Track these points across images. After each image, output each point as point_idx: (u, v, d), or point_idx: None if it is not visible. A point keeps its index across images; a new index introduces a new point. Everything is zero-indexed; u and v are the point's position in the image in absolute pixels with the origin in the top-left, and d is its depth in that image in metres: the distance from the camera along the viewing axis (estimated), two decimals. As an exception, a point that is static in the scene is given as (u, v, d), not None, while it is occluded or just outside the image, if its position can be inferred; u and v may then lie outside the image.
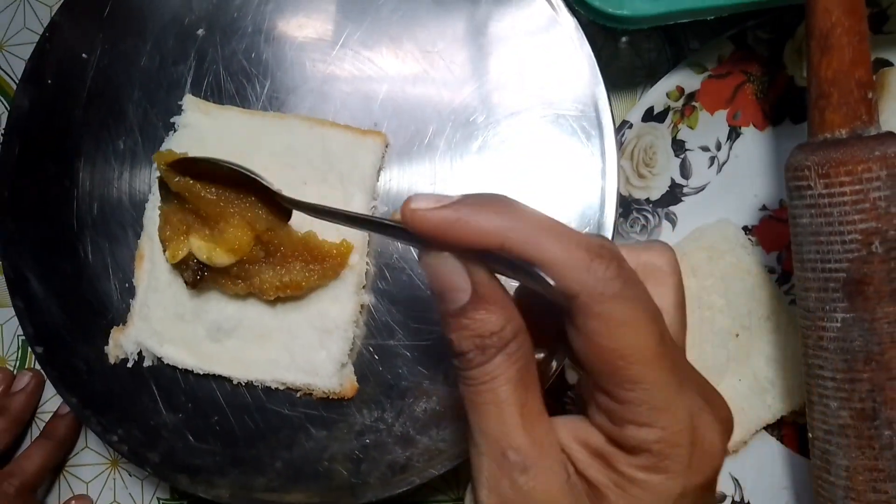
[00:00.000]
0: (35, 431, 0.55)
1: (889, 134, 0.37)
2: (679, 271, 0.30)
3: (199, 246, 0.41)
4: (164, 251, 0.42)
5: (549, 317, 0.29)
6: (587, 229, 0.42)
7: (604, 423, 0.26)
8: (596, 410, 0.27)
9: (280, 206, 0.39)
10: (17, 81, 0.48)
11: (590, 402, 0.27)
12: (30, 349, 0.54)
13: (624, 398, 0.25)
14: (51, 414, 0.54)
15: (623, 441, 0.26)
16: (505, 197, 0.27)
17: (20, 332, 0.54)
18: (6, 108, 0.56)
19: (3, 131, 0.48)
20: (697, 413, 0.26)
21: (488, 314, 0.26)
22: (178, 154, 0.40)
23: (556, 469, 0.26)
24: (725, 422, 0.28)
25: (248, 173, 0.39)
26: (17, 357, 0.56)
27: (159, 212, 0.42)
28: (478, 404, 0.27)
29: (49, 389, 0.55)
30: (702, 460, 0.26)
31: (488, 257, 0.26)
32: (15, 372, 0.55)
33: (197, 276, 0.42)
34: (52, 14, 0.48)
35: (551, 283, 0.25)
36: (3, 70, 0.56)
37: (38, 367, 0.55)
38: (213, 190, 0.40)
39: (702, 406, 0.26)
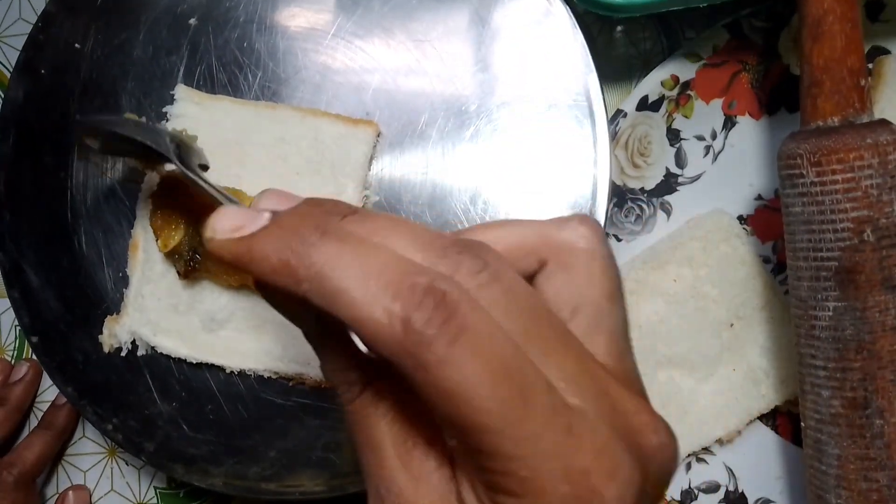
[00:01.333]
0: (33, 421, 0.55)
1: (881, 121, 0.36)
2: (604, 249, 0.23)
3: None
4: (157, 240, 0.42)
5: None
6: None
7: (477, 479, 0.20)
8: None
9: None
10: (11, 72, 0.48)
11: None
12: (27, 340, 0.54)
13: (485, 467, 0.19)
14: (49, 403, 0.54)
15: None
16: (326, 210, 0.21)
17: (17, 322, 0.54)
18: (1, 100, 0.56)
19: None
20: (591, 470, 0.19)
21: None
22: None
23: None
24: (648, 457, 0.21)
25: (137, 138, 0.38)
26: (14, 347, 0.56)
27: (150, 200, 0.42)
28: (356, 443, 0.23)
29: (47, 379, 0.55)
30: None
31: None
32: (13, 362, 0.56)
33: (189, 265, 0.42)
34: (46, 4, 0.48)
35: (362, 348, 0.20)
36: (-2, 61, 0.56)
37: (35, 357, 0.55)
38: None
39: (590, 465, 0.19)
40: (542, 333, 0.20)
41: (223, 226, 0.21)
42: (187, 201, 0.41)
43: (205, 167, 0.40)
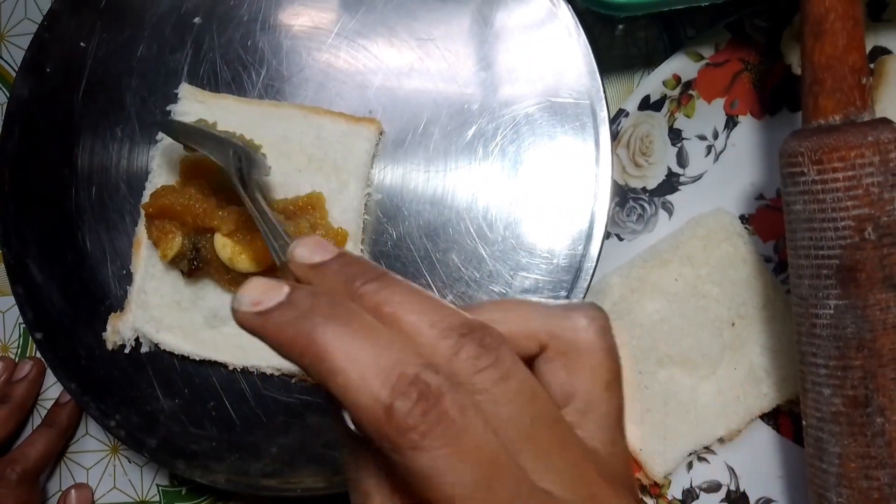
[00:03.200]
0: (36, 419, 0.55)
1: (882, 120, 0.36)
2: (604, 342, 0.24)
3: (224, 243, 0.41)
4: (157, 250, 0.42)
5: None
6: (581, 217, 0.42)
7: None
8: None
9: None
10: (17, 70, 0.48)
11: None
12: (31, 337, 0.55)
13: None
14: (52, 401, 0.54)
15: None
16: (347, 276, 0.23)
17: (21, 320, 0.54)
18: (6, 97, 0.56)
19: (3, 120, 0.48)
20: None
21: None
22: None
23: None
24: None
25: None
26: (18, 345, 0.57)
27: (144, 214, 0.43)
28: (346, 479, 0.25)
29: (50, 377, 0.56)
30: None
31: None
32: (17, 360, 0.56)
33: (192, 265, 0.42)
34: (52, 3, 0.48)
35: (350, 426, 0.22)
36: (3, 60, 0.57)
37: (38, 354, 0.55)
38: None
39: None
40: (535, 424, 0.22)
41: (245, 299, 0.23)
42: (181, 209, 0.42)
43: (264, 178, 0.40)
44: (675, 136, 0.48)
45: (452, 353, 0.21)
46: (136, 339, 0.45)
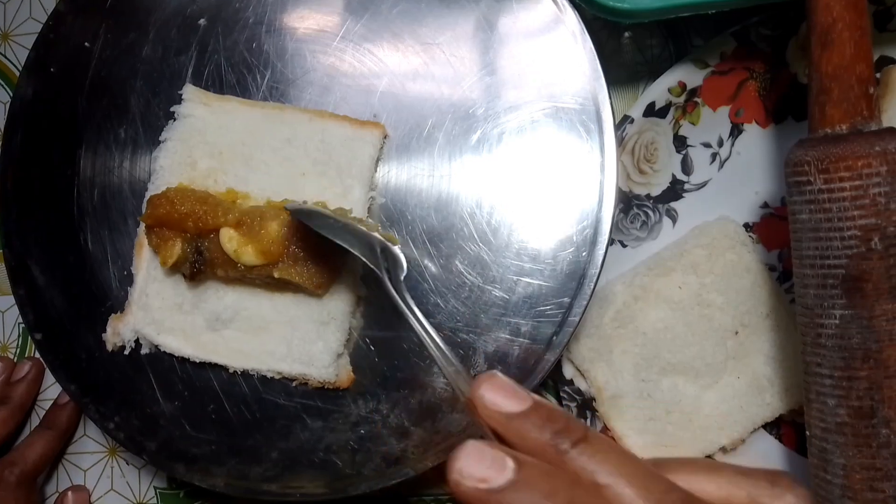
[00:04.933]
0: (35, 420, 0.55)
1: (889, 130, 0.36)
2: None
3: (231, 236, 0.41)
4: (158, 257, 0.42)
5: None
6: (585, 224, 0.42)
7: None
8: None
9: None
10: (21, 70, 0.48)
11: None
12: (30, 337, 0.54)
13: None
14: (50, 402, 0.54)
15: None
16: (557, 432, 0.25)
17: (21, 320, 0.54)
18: (10, 97, 0.56)
19: (6, 120, 0.48)
20: None
21: None
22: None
23: None
24: None
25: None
26: (17, 345, 0.56)
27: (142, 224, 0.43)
28: None
29: (49, 377, 0.55)
30: None
31: None
32: (15, 360, 0.56)
33: (194, 268, 0.42)
34: (57, 4, 0.48)
35: None
36: (8, 59, 0.57)
37: (37, 354, 0.55)
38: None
39: None
40: None
41: (471, 473, 0.23)
42: (179, 217, 0.42)
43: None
44: (680, 143, 0.48)
45: None
46: (137, 341, 0.45)
